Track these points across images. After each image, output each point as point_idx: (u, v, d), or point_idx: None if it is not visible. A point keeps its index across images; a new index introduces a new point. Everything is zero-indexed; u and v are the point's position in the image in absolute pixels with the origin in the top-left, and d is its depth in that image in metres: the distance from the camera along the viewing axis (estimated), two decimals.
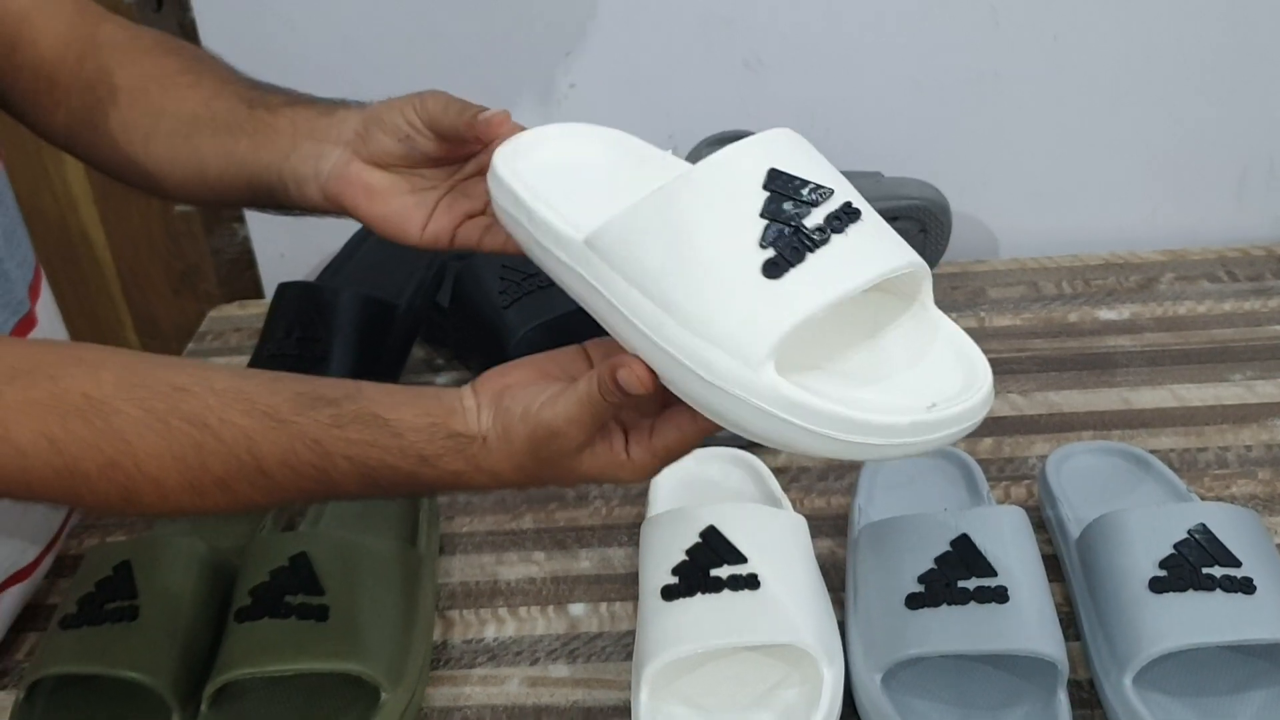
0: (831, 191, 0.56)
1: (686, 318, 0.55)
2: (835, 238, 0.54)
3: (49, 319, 0.85)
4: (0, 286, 0.78)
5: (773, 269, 0.54)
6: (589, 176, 0.65)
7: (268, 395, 0.60)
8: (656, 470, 0.61)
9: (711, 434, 0.60)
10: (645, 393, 0.56)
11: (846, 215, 0.55)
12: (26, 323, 0.81)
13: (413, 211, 0.71)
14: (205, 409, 0.59)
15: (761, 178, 0.56)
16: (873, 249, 0.55)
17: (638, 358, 0.56)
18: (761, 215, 0.55)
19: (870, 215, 0.56)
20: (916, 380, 0.56)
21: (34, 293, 0.83)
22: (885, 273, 0.55)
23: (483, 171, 0.69)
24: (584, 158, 0.66)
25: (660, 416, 0.60)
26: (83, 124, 0.79)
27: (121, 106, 0.78)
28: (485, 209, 0.69)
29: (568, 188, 0.63)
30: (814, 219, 0.55)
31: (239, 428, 0.59)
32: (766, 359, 0.53)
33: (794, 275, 0.54)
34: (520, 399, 0.60)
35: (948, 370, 0.57)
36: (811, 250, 0.54)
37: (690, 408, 0.57)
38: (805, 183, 0.56)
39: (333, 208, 0.73)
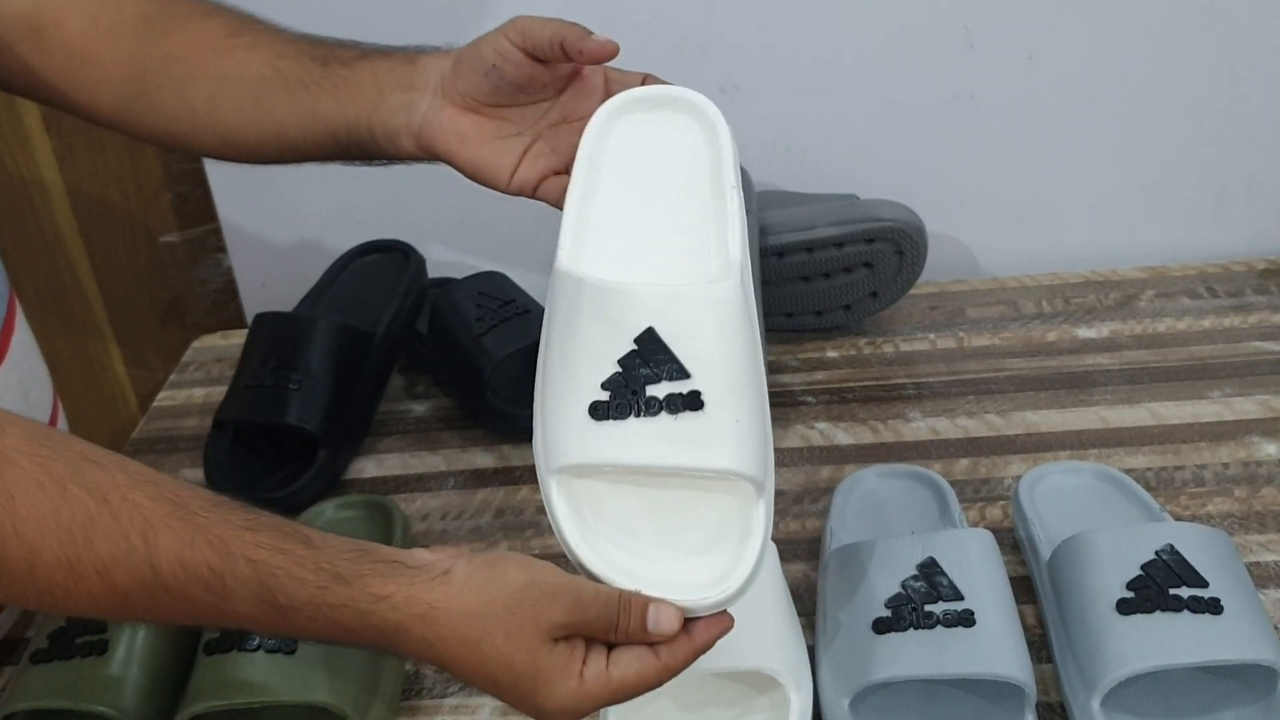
0: (688, 377, 0.60)
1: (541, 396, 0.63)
2: (664, 415, 0.59)
3: (25, 354, 0.85)
4: None
5: (595, 410, 0.60)
6: None
7: (182, 489, 0.56)
8: (602, 702, 0.58)
9: (666, 679, 0.59)
10: (668, 636, 0.57)
11: (687, 402, 0.59)
12: None
13: (501, 158, 0.72)
14: (110, 483, 0.54)
15: (637, 332, 0.61)
16: (691, 440, 0.59)
17: (671, 603, 0.58)
18: (618, 361, 0.60)
19: (714, 410, 0.60)
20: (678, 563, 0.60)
21: (8, 329, 0.83)
22: (689, 467, 0.59)
23: (568, 121, 0.72)
24: None
25: (621, 648, 0.58)
26: (132, 100, 0.77)
27: (176, 77, 0.76)
28: (567, 168, 0.70)
29: None
30: (657, 390, 0.59)
31: (140, 509, 0.54)
32: (558, 471, 0.60)
33: (609, 425, 0.59)
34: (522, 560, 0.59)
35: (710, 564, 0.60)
36: (636, 415, 0.59)
37: (651, 647, 0.58)
38: (670, 357, 0.60)
39: (427, 156, 0.74)
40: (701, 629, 0.59)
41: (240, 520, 0.56)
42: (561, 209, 0.68)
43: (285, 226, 1.21)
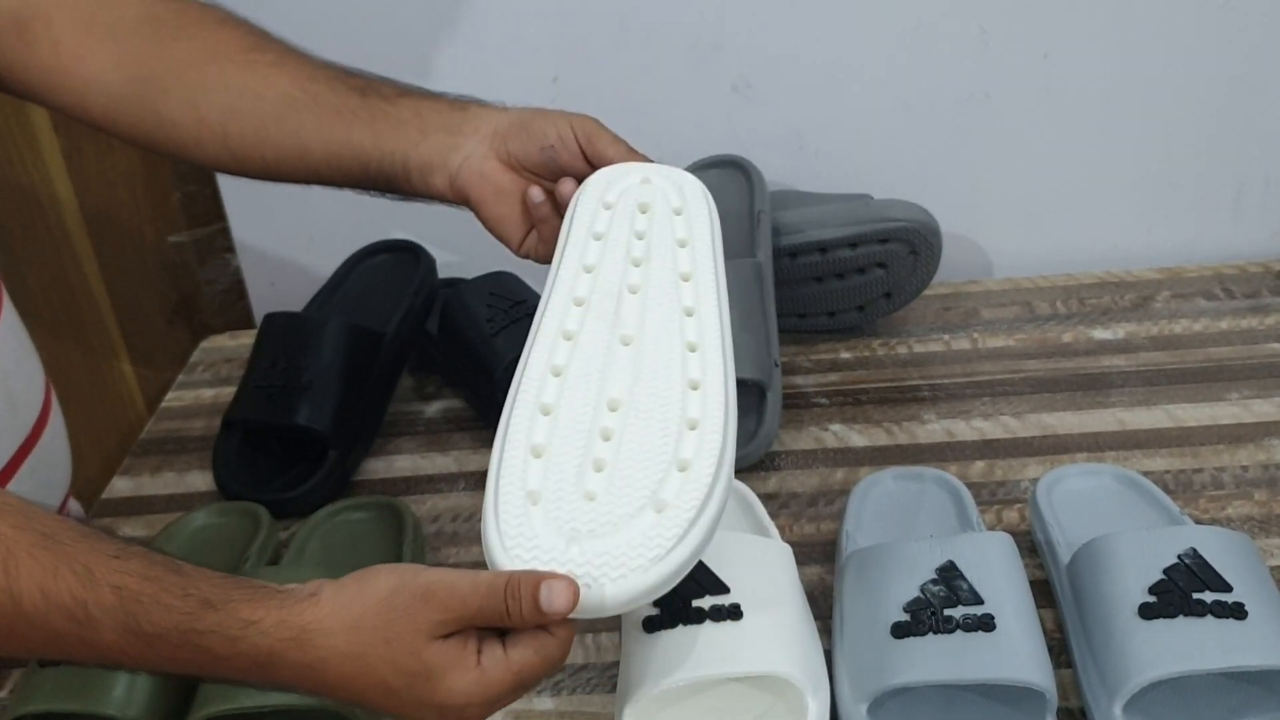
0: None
1: None
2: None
3: (11, 349, 0.83)
4: None
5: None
6: None
7: (52, 520, 0.54)
8: (508, 691, 0.55)
9: (567, 650, 0.57)
10: (565, 614, 0.53)
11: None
12: None
13: (521, 223, 0.75)
14: None
15: None
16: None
17: (566, 577, 0.54)
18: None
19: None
20: None
21: None
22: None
23: None
24: None
25: (517, 634, 0.55)
26: (131, 102, 0.75)
27: (186, 84, 0.74)
28: None
29: None
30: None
31: (3, 538, 0.52)
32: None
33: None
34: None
35: None
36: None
37: (551, 632, 0.55)
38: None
39: (455, 199, 0.75)
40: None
41: (109, 549, 0.54)
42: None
43: (294, 226, 1.20)
